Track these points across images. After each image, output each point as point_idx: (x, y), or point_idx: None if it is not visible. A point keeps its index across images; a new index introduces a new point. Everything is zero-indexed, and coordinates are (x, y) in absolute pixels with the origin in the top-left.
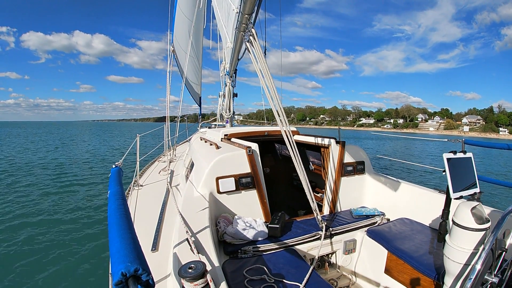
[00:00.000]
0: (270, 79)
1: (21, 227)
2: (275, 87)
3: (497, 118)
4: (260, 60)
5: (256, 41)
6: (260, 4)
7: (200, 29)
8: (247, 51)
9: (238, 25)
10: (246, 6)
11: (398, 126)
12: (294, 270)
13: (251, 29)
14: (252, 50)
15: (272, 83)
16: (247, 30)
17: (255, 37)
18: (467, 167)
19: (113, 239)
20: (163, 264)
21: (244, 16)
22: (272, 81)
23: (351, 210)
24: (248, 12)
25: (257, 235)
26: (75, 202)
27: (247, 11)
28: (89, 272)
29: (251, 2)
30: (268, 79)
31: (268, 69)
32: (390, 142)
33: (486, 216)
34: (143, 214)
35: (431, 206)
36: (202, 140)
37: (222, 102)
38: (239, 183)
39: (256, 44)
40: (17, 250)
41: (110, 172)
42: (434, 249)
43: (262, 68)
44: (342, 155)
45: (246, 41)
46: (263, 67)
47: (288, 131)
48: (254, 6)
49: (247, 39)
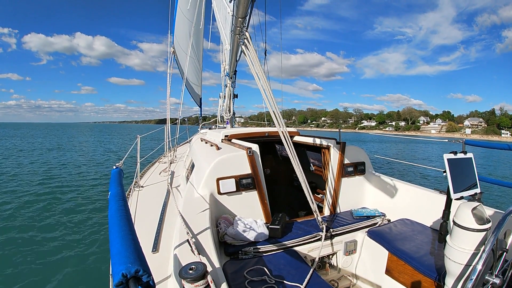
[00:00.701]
0: (265, 81)
1: (21, 229)
2: (271, 89)
3: (499, 120)
4: (255, 63)
5: (250, 44)
6: (252, 8)
7: (200, 30)
8: (243, 54)
9: (233, 28)
10: (239, 10)
11: (400, 129)
12: (294, 271)
13: (245, 33)
14: (247, 53)
15: (267, 85)
16: (241, 34)
17: (249, 40)
18: (467, 167)
19: (113, 240)
20: (163, 265)
21: (238, 20)
22: (268, 83)
23: (352, 211)
24: (241, 16)
25: (258, 236)
26: (75, 203)
27: (241, 14)
28: (90, 273)
29: (244, 6)
30: (264, 81)
31: (263, 71)
32: (391, 144)
33: (487, 216)
34: (143, 215)
35: (432, 207)
36: (203, 141)
37: (222, 103)
38: (239, 184)
39: (250, 47)
40: (18, 251)
41: (111, 173)
42: (435, 250)
43: (258, 71)
44: (343, 156)
45: (241, 44)
46: (259, 70)
47: (285, 131)
48: (247, 10)
49: (242, 42)
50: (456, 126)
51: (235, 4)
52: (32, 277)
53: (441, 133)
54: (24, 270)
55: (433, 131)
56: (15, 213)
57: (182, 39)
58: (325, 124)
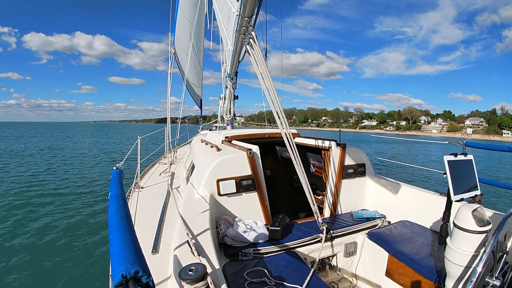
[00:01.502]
0: (271, 81)
1: (21, 229)
2: (275, 90)
3: (500, 120)
4: (260, 62)
5: (256, 44)
6: (260, 7)
7: (201, 31)
8: (247, 54)
9: (238, 27)
10: (246, 9)
11: (401, 128)
12: (294, 272)
13: (251, 32)
14: (252, 52)
15: (272, 85)
16: (247, 33)
17: (255, 39)
18: (468, 169)
19: (113, 241)
20: (163, 266)
21: (244, 19)
22: (273, 84)
23: (352, 213)
24: (248, 15)
25: (258, 238)
26: (75, 203)
27: (247, 13)
28: (89, 274)
29: (251, 5)
30: (269, 81)
31: (268, 71)
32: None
33: (487, 218)
34: (143, 216)
35: (432, 209)
36: (203, 142)
37: (223, 105)
38: (239, 185)
39: (256, 46)
40: (18, 252)
41: (111, 174)
42: (435, 252)
43: (262, 71)
44: (343, 158)
45: (246, 43)
46: (263, 70)
47: (288, 133)
48: (254, 9)
49: (247, 42)
50: (457, 126)
51: (242, 3)
52: (32, 278)
53: (442, 133)
54: (24, 271)
55: (434, 131)
56: (15, 214)
57: (183, 40)
58: (326, 124)
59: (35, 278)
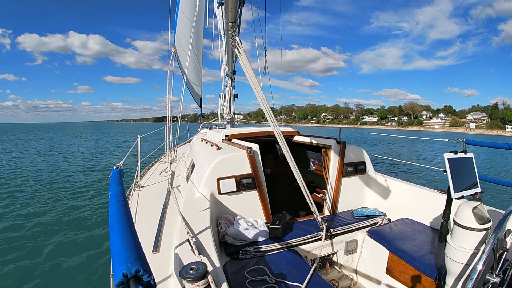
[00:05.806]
0: (257, 84)
1: (21, 229)
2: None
3: (502, 114)
4: (247, 67)
5: (241, 49)
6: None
7: (201, 30)
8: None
9: (225, 31)
10: (228, 15)
11: (403, 124)
12: (295, 270)
13: (235, 37)
14: (240, 57)
15: (259, 88)
16: (233, 38)
17: (239, 46)
18: (468, 167)
19: (114, 240)
20: (164, 265)
21: (228, 24)
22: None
23: (352, 211)
24: (231, 20)
25: (258, 236)
26: (75, 203)
27: (230, 19)
28: (90, 273)
29: (232, 11)
30: (255, 85)
31: (254, 74)
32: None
33: (487, 216)
34: (144, 215)
35: (432, 206)
36: (203, 141)
37: (222, 103)
38: (240, 184)
39: (242, 51)
40: (18, 252)
41: (111, 173)
42: (435, 249)
43: (250, 75)
44: (343, 156)
45: (233, 47)
46: (251, 74)
47: (278, 131)
48: (235, 14)
49: (235, 46)
50: (459, 121)
51: (223, 10)
52: (33, 277)
53: (445, 128)
54: (24, 270)
55: (436, 126)
56: (15, 214)
57: (183, 39)
58: (326, 120)
59: (36, 277)
